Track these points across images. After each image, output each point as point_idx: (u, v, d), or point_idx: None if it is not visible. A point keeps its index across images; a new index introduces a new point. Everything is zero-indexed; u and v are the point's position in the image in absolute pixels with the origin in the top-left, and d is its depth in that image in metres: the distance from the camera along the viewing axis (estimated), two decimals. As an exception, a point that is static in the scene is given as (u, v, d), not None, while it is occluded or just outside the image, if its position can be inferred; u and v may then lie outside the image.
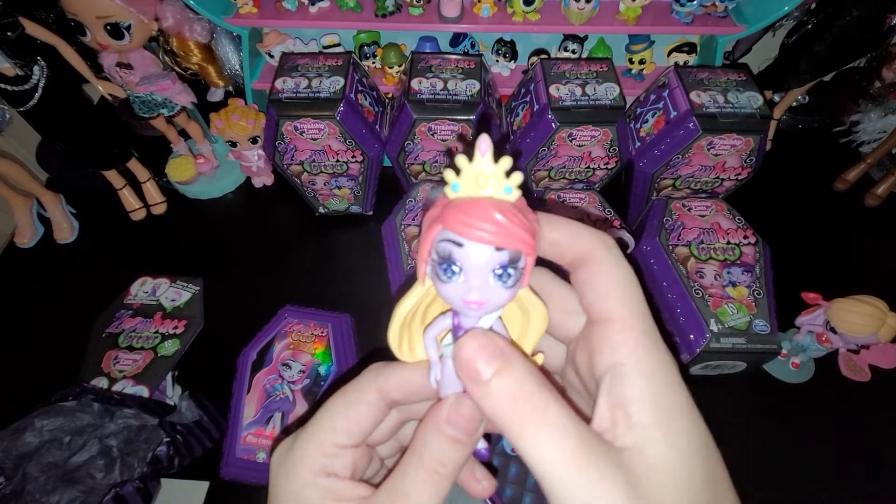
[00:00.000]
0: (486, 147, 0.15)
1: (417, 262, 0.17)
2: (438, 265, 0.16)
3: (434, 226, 0.16)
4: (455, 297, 0.16)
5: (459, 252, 0.15)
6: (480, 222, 0.15)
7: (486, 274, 0.16)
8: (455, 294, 0.16)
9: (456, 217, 0.15)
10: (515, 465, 0.48)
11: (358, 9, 0.64)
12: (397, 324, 0.19)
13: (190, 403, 0.48)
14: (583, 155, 0.55)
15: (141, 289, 0.59)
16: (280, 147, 0.56)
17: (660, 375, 0.17)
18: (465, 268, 0.16)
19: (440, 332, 0.19)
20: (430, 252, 0.16)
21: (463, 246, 0.15)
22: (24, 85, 0.54)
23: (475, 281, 0.16)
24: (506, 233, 0.15)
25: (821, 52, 0.60)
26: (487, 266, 0.15)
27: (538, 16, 0.63)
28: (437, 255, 0.16)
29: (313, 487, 0.18)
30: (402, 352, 0.19)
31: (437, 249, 0.16)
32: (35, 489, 0.43)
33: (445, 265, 0.16)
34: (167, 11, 0.58)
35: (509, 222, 0.15)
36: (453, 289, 0.16)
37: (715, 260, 0.51)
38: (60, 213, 0.67)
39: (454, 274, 0.16)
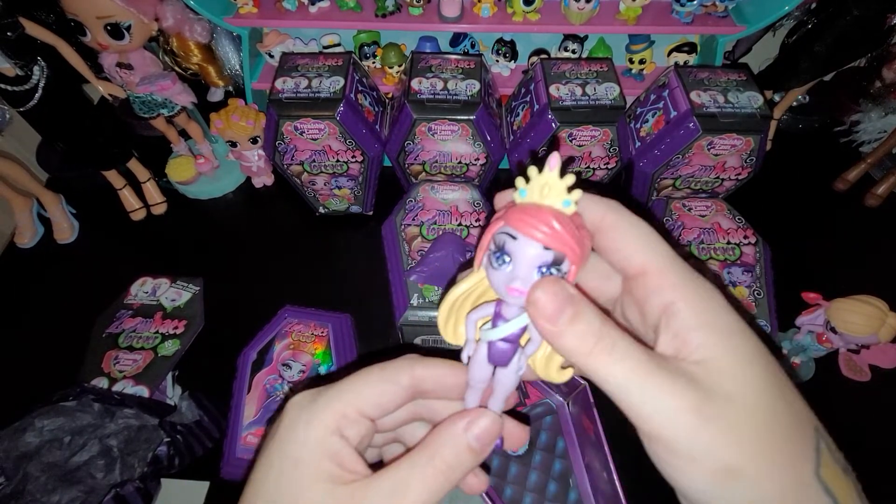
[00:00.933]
0: (555, 163, 0.18)
1: (476, 251, 0.20)
2: (493, 254, 0.19)
3: (498, 221, 0.19)
4: (501, 284, 0.19)
5: (513, 244, 0.18)
6: (537, 222, 0.17)
7: (531, 268, 0.18)
8: (502, 280, 0.18)
9: (517, 215, 0.18)
10: (515, 466, 0.48)
11: (358, 9, 0.64)
12: (448, 305, 0.21)
13: (190, 403, 0.48)
14: (583, 155, 0.55)
15: (141, 289, 0.59)
16: (280, 147, 0.56)
17: (709, 302, 0.18)
18: (514, 259, 0.18)
19: (482, 318, 0.21)
20: (490, 242, 0.19)
21: (517, 239, 0.18)
22: (24, 85, 0.54)
23: (521, 272, 0.18)
24: (556, 236, 0.17)
25: (821, 51, 0.60)
26: (534, 261, 0.18)
27: (538, 16, 0.63)
28: (494, 244, 0.19)
29: (324, 444, 0.19)
30: (446, 331, 0.22)
31: (494, 240, 0.19)
32: (35, 489, 0.43)
33: (499, 254, 0.18)
34: (167, 11, 0.58)
35: (562, 229, 0.17)
36: (501, 276, 0.18)
37: (715, 260, 0.51)
38: (60, 214, 0.67)
39: (504, 263, 0.18)
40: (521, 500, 0.47)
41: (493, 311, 0.20)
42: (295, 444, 0.19)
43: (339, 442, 0.19)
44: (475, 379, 0.21)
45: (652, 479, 0.44)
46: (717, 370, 0.17)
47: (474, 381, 0.21)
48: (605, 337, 0.17)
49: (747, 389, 0.17)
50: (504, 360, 0.20)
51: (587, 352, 0.17)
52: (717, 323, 0.18)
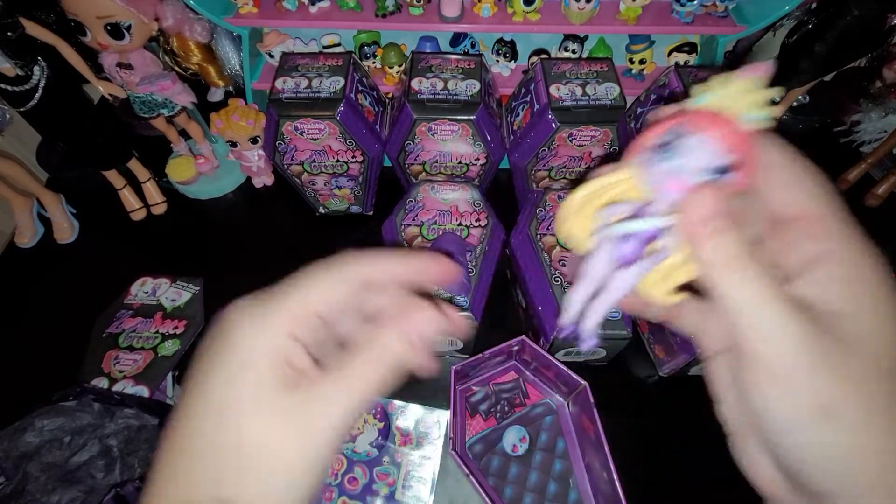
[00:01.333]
0: (765, 71, 0.17)
1: (632, 147, 0.19)
2: (660, 147, 0.18)
3: (674, 119, 0.18)
4: (660, 177, 0.18)
5: (687, 141, 0.17)
6: (723, 122, 0.17)
7: (700, 167, 0.17)
8: (662, 174, 0.18)
9: (704, 115, 0.17)
10: (516, 466, 0.48)
11: (358, 9, 0.64)
12: (578, 200, 0.20)
13: (190, 403, 0.48)
14: (583, 155, 0.55)
15: (141, 289, 0.59)
16: (280, 147, 0.56)
17: (860, 258, 0.18)
18: (685, 155, 0.17)
19: (616, 215, 0.20)
20: (657, 137, 0.18)
21: (693, 137, 0.17)
22: (24, 85, 0.54)
23: (689, 167, 0.17)
24: (741, 142, 0.17)
25: (821, 51, 0.60)
26: (708, 161, 0.17)
27: (538, 15, 0.63)
28: (665, 137, 0.18)
29: (277, 347, 0.18)
30: (565, 226, 0.21)
31: (667, 133, 0.18)
32: (35, 489, 0.43)
33: (668, 149, 0.18)
34: (167, 11, 0.58)
35: (744, 139, 0.17)
36: (663, 169, 0.18)
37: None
38: (60, 213, 0.67)
39: (672, 157, 0.18)
40: (521, 500, 0.47)
41: (630, 209, 0.19)
42: (243, 348, 0.18)
43: (293, 345, 0.18)
44: (590, 274, 0.20)
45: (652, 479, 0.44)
46: (850, 321, 0.17)
47: (588, 276, 0.20)
48: (745, 256, 0.17)
49: (877, 347, 0.16)
50: (630, 258, 0.19)
51: (723, 263, 0.17)
52: (863, 278, 0.17)
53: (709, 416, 0.22)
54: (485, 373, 0.53)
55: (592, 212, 0.20)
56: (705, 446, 0.51)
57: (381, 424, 0.49)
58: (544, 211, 0.54)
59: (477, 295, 0.49)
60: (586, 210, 0.20)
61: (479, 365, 0.49)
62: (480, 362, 0.49)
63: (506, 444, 0.49)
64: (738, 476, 0.21)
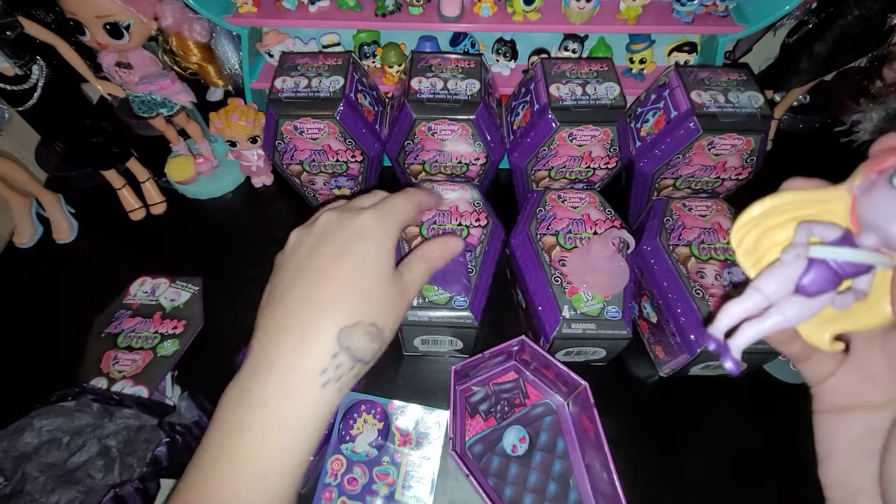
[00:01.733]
0: None
1: (867, 164, 0.16)
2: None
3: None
4: (892, 211, 0.15)
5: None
6: None
7: None
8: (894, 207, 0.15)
9: None
10: (515, 466, 0.48)
11: (358, 8, 0.64)
12: (763, 209, 0.18)
13: (189, 403, 0.48)
14: (583, 155, 0.54)
15: (140, 289, 0.59)
16: (279, 147, 0.56)
17: None
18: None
19: (814, 236, 0.17)
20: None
21: None
22: (23, 84, 0.54)
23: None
24: None
25: (822, 51, 0.60)
26: None
27: (538, 15, 0.63)
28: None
29: (391, 250, 0.31)
30: (742, 234, 0.18)
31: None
32: (34, 489, 0.43)
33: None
34: (166, 10, 0.58)
35: None
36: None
37: (716, 260, 0.51)
38: (59, 213, 0.67)
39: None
40: (521, 500, 0.47)
41: (835, 235, 0.17)
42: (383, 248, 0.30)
43: (393, 249, 0.31)
44: (764, 289, 0.17)
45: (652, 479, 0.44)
46: None
47: (761, 291, 0.18)
48: None
49: None
50: (817, 287, 0.17)
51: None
52: None
53: (709, 416, 0.21)
54: (485, 373, 0.53)
55: (775, 226, 0.18)
56: (705, 446, 0.51)
57: (381, 425, 0.49)
58: (544, 211, 0.54)
59: (477, 295, 0.49)
60: (768, 223, 0.18)
61: (479, 365, 0.49)
62: (480, 362, 0.49)
63: (506, 444, 0.49)
64: (737, 475, 0.21)
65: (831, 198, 0.17)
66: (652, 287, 0.51)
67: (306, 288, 0.29)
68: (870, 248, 0.16)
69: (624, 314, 0.47)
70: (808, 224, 0.17)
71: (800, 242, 0.17)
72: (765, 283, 0.17)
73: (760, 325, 0.18)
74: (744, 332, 0.18)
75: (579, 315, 0.47)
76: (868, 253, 0.16)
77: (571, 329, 0.47)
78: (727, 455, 0.50)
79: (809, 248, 0.17)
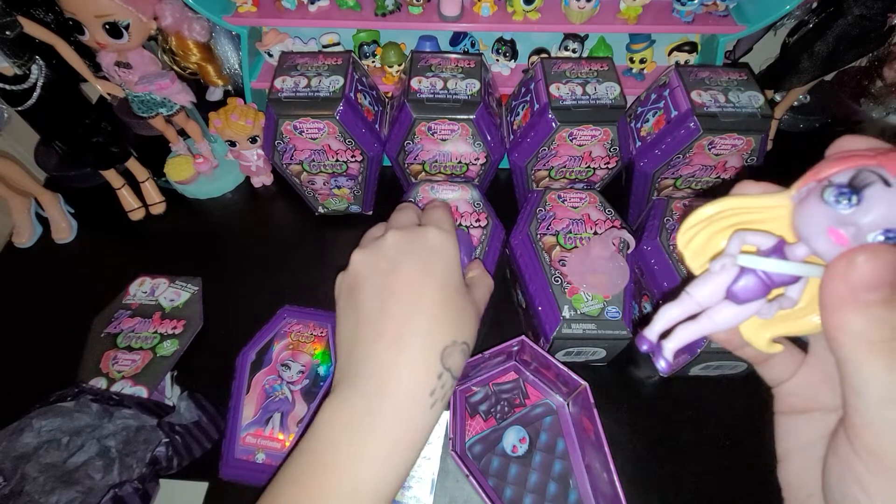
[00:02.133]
0: None
1: (804, 177, 0.16)
2: (836, 188, 0.15)
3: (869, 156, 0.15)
4: (822, 222, 0.15)
5: (876, 190, 0.14)
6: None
7: (881, 223, 0.14)
8: (825, 219, 0.15)
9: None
10: (516, 466, 0.48)
11: (357, 8, 0.64)
12: (705, 214, 0.18)
13: (189, 404, 0.48)
14: (583, 154, 0.54)
15: (140, 289, 0.59)
16: (279, 146, 0.55)
17: None
18: (868, 205, 0.14)
19: (749, 244, 0.17)
20: (843, 172, 0.15)
21: (890, 187, 0.14)
22: (22, 84, 0.54)
23: (865, 219, 0.14)
24: None
25: (822, 51, 0.60)
26: (891, 219, 0.14)
27: (538, 15, 0.63)
28: (844, 178, 0.15)
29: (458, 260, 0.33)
30: (687, 237, 0.18)
31: (855, 171, 0.15)
32: (34, 490, 0.43)
33: (847, 192, 0.14)
34: (166, 10, 0.58)
35: None
36: (829, 214, 0.15)
37: (716, 260, 0.51)
38: (59, 213, 0.66)
39: (847, 203, 0.14)
40: (521, 500, 0.46)
41: (769, 244, 0.17)
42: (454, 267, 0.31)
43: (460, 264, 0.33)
44: (696, 294, 0.18)
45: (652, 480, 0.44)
46: None
47: (691, 297, 0.18)
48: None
49: None
50: (746, 296, 0.17)
51: (867, 344, 0.14)
52: None
53: (708, 416, 0.21)
54: (484, 373, 0.53)
55: (722, 230, 0.18)
56: (705, 446, 0.51)
57: (381, 425, 0.49)
58: (544, 211, 0.54)
59: (477, 295, 0.49)
60: (716, 226, 0.18)
61: (479, 365, 0.49)
62: (480, 362, 0.48)
63: (505, 444, 0.49)
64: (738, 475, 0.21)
65: (775, 204, 0.17)
66: (652, 287, 0.51)
67: (402, 310, 0.29)
68: (800, 258, 0.16)
69: (624, 314, 0.47)
70: (742, 233, 0.17)
71: (730, 252, 0.17)
72: (697, 288, 0.18)
73: (691, 329, 0.18)
74: (676, 335, 0.19)
75: (579, 315, 0.47)
76: (794, 265, 0.16)
77: (571, 329, 0.47)
78: (727, 455, 0.49)
79: (738, 257, 0.17)
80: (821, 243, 0.16)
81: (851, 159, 0.15)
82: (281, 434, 0.47)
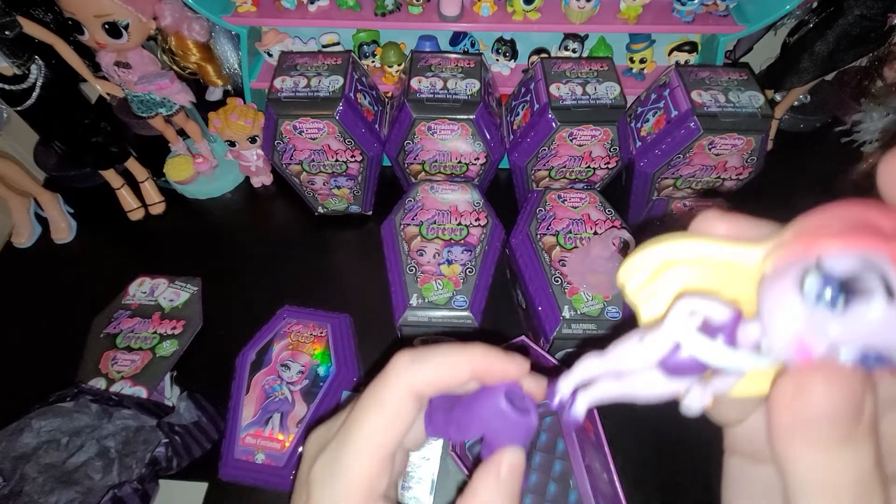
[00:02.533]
0: None
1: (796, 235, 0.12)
2: (823, 280, 0.11)
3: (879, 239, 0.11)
4: (793, 326, 0.12)
5: (873, 305, 0.11)
6: None
7: (861, 342, 0.11)
8: (799, 323, 0.11)
9: None
10: (515, 467, 0.48)
11: (357, 7, 0.64)
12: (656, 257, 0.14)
13: (188, 404, 0.48)
14: (583, 154, 0.54)
15: (139, 289, 0.59)
16: (279, 146, 0.55)
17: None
18: (851, 318, 0.11)
19: (697, 309, 0.13)
20: (835, 254, 0.11)
21: (893, 301, 0.10)
22: (21, 84, 0.54)
23: (844, 335, 0.11)
24: None
25: (822, 51, 0.60)
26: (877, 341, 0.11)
27: (538, 14, 0.62)
28: (838, 266, 0.11)
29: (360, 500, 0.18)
30: (631, 280, 0.15)
31: (850, 265, 0.11)
32: (33, 490, 0.43)
33: (835, 292, 0.11)
34: (165, 10, 0.58)
35: None
36: (804, 316, 0.11)
37: (716, 260, 0.51)
38: (58, 213, 0.66)
39: (828, 307, 0.11)
40: (520, 500, 0.46)
41: (721, 317, 0.13)
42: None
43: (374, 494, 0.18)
44: (620, 357, 0.15)
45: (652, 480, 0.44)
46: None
47: (616, 357, 0.15)
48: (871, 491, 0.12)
49: None
50: (679, 372, 0.14)
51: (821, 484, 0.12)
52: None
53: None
54: (484, 373, 0.53)
55: (673, 280, 0.14)
56: (704, 446, 0.51)
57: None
58: (544, 211, 0.54)
59: (477, 295, 0.49)
60: (668, 274, 0.14)
61: (479, 365, 0.49)
62: (480, 363, 0.48)
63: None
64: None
65: (742, 261, 0.14)
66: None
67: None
68: (755, 342, 0.13)
69: (624, 314, 0.47)
70: (691, 299, 0.14)
71: (672, 327, 0.14)
72: (626, 352, 0.15)
73: (613, 390, 0.16)
74: (594, 391, 0.16)
75: (579, 315, 0.47)
76: (745, 357, 0.13)
77: (571, 329, 0.47)
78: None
79: (684, 331, 0.14)
80: (782, 349, 0.12)
81: (863, 234, 0.11)
82: (280, 434, 0.47)
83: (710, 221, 0.14)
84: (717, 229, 0.14)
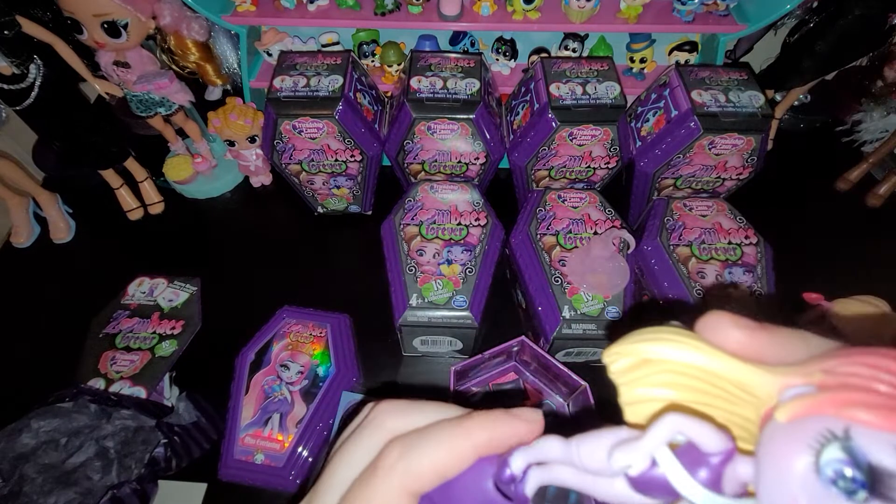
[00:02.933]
0: None
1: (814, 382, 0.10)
2: (847, 464, 0.09)
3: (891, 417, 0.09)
4: (797, 497, 0.10)
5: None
6: None
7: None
8: (804, 498, 0.10)
9: None
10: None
11: (357, 7, 0.64)
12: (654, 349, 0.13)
13: (188, 404, 0.48)
14: (583, 154, 0.54)
15: (138, 289, 0.58)
16: (278, 146, 0.55)
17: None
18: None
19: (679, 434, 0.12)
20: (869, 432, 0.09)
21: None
22: (20, 83, 0.54)
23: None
24: None
25: (823, 50, 0.60)
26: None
27: (538, 14, 0.62)
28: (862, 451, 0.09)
29: None
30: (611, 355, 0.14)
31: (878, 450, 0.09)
32: (32, 491, 0.43)
33: (860, 478, 0.09)
34: (165, 9, 0.57)
35: None
36: (812, 491, 0.10)
37: (716, 260, 0.50)
38: (57, 213, 0.66)
39: (847, 496, 0.09)
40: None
41: (714, 449, 0.12)
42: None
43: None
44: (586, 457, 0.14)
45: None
46: None
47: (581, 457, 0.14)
48: None
49: None
50: (649, 491, 0.13)
51: None
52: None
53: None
54: (484, 373, 0.52)
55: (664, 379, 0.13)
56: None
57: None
58: (544, 211, 0.54)
59: (477, 295, 0.48)
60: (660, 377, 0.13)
61: (479, 365, 0.49)
62: (480, 363, 0.48)
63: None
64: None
65: (751, 390, 0.12)
66: (652, 287, 0.51)
67: None
68: (743, 486, 0.12)
69: (624, 314, 0.47)
70: (681, 419, 0.12)
71: (652, 441, 0.12)
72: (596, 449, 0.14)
73: (571, 478, 0.15)
74: (547, 476, 0.15)
75: (579, 315, 0.47)
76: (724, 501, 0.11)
77: (571, 329, 0.47)
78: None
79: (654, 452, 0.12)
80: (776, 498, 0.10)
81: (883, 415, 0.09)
82: (280, 435, 0.47)
83: (724, 329, 0.13)
84: (729, 338, 0.12)
